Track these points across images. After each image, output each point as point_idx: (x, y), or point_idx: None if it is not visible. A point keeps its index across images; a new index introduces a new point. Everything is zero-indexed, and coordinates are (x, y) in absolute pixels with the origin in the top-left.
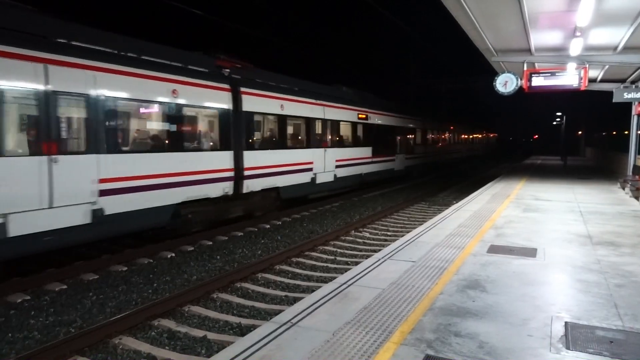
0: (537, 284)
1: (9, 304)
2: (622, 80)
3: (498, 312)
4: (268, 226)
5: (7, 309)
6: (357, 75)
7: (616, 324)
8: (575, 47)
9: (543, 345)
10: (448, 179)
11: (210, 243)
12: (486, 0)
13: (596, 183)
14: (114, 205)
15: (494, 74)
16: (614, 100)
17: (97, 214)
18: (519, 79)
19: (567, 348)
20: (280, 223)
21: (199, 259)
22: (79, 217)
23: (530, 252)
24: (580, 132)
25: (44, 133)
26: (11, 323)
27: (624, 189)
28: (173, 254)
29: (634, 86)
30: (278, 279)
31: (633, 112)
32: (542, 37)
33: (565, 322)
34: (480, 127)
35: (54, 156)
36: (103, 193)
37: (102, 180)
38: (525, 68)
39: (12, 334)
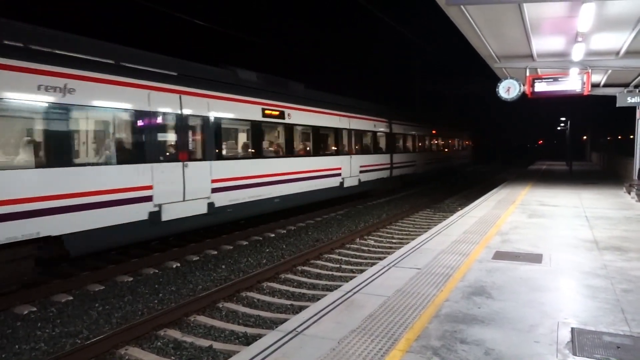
0: (543, 289)
1: (16, 316)
2: (626, 85)
3: (504, 319)
4: (273, 235)
5: (14, 320)
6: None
7: (623, 330)
8: (578, 52)
9: (550, 351)
10: (454, 185)
11: (216, 252)
12: (488, 8)
13: (602, 188)
14: None
15: (495, 77)
16: (617, 105)
17: None
18: (522, 85)
19: (574, 354)
20: (285, 232)
21: (204, 268)
22: None
23: (536, 258)
24: (585, 137)
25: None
26: (18, 334)
27: (629, 193)
28: (178, 264)
29: (637, 90)
30: (283, 287)
31: (637, 116)
32: (544, 43)
33: (572, 328)
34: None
35: None
36: None
37: None
38: (527, 74)
39: (19, 346)
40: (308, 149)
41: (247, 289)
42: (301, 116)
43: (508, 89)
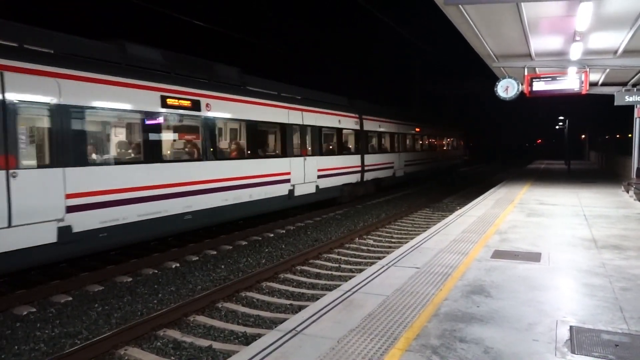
0: (542, 288)
1: (15, 316)
2: (624, 84)
3: (503, 317)
4: (272, 235)
5: (13, 321)
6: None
7: (622, 328)
8: (575, 52)
9: (549, 349)
10: (452, 185)
11: (215, 252)
12: (487, 8)
13: (600, 187)
14: None
15: (494, 77)
16: (615, 104)
17: None
18: (520, 84)
19: (573, 352)
20: (284, 232)
21: (203, 268)
22: None
23: (535, 257)
24: (583, 136)
25: None
26: (17, 335)
27: (628, 192)
28: (178, 264)
29: (635, 89)
30: (283, 287)
31: (635, 115)
32: (542, 42)
33: (571, 326)
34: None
35: None
36: None
37: None
38: (526, 73)
39: (18, 347)
40: (240, 149)
41: (247, 289)
42: (228, 108)
43: (506, 88)
